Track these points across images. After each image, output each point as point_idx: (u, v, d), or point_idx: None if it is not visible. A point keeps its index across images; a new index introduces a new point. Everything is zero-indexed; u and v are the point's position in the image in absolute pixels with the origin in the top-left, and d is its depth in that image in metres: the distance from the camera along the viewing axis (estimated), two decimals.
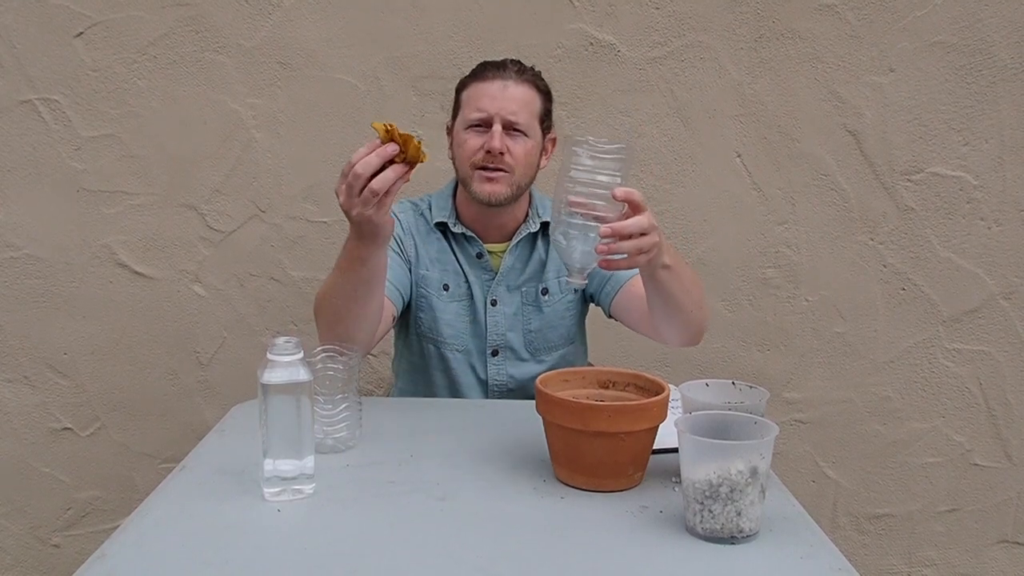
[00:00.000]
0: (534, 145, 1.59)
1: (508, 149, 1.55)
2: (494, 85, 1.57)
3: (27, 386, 2.18)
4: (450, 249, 1.66)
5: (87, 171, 2.09)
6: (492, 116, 1.55)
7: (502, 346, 1.67)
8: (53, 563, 2.24)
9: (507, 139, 1.55)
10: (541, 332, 1.68)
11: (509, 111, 1.55)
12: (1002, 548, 2.31)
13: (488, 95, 1.56)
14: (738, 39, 2.08)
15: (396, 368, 1.80)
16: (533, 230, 1.67)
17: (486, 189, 1.57)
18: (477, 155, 1.56)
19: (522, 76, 1.59)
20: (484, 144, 1.55)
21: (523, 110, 1.57)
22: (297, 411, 1.12)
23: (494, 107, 1.55)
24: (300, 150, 2.10)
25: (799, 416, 2.24)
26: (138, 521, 1.09)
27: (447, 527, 1.08)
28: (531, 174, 1.62)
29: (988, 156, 2.13)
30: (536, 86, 1.61)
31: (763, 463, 1.03)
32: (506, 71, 1.58)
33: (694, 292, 1.44)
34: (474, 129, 1.57)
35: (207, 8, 2.04)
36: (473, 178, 1.58)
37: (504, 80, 1.57)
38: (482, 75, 1.60)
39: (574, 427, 1.16)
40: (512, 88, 1.57)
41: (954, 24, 2.08)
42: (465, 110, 1.59)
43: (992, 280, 2.18)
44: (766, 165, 2.13)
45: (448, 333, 1.66)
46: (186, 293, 2.15)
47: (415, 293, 1.66)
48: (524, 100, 1.57)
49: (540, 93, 1.61)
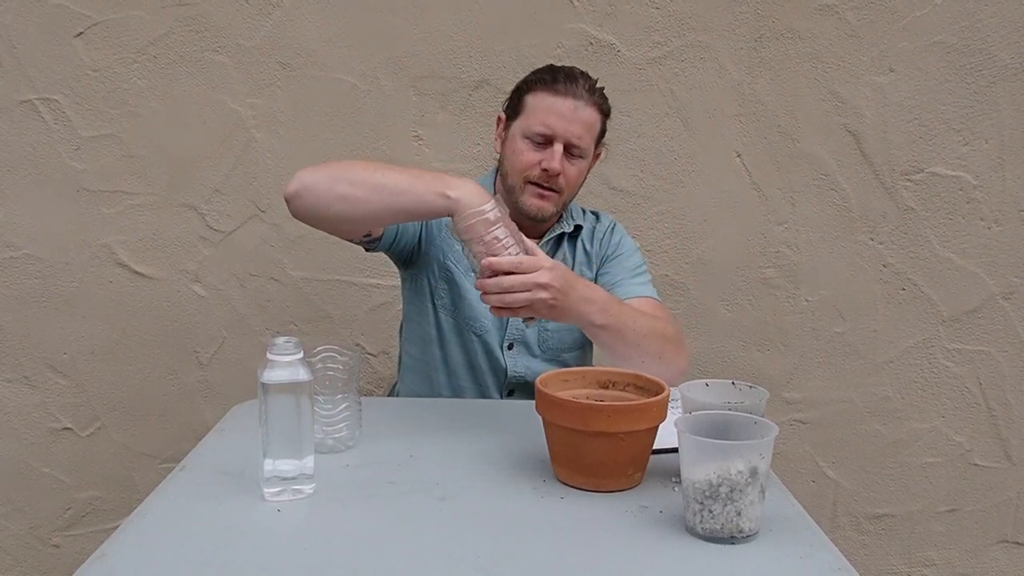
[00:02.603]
0: (586, 165, 1.60)
1: (564, 172, 1.55)
2: (566, 104, 1.54)
3: (27, 386, 2.18)
4: None
5: (87, 171, 2.09)
6: (558, 136, 1.54)
7: (518, 340, 1.67)
8: (53, 563, 2.24)
9: (564, 161, 1.55)
10: (558, 333, 1.67)
11: (575, 135, 1.54)
12: (1002, 548, 2.31)
13: (557, 113, 1.53)
14: (738, 39, 2.08)
15: (405, 337, 1.75)
16: (565, 230, 1.67)
17: (536, 204, 1.57)
18: (532, 171, 1.55)
19: (592, 97, 1.56)
20: (542, 162, 1.54)
21: (587, 134, 1.56)
22: (297, 411, 1.12)
23: (562, 128, 1.53)
24: (300, 150, 2.10)
25: (799, 416, 2.24)
26: (138, 521, 1.09)
27: (447, 527, 1.08)
28: (577, 192, 1.63)
29: (988, 156, 2.13)
30: (601, 109, 1.59)
31: (763, 463, 1.03)
32: (578, 88, 1.55)
33: (647, 346, 1.43)
34: (533, 141, 1.55)
35: (207, 8, 2.04)
36: (524, 191, 1.57)
37: (576, 100, 1.54)
38: (553, 87, 1.55)
39: (574, 427, 1.16)
40: (583, 111, 1.54)
41: (954, 24, 2.08)
42: (529, 119, 1.56)
43: (992, 280, 2.18)
44: (766, 165, 2.13)
45: (469, 314, 1.64)
46: (186, 293, 2.15)
47: (441, 264, 1.64)
48: (590, 124, 1.56)
49: (603, 115, 1.60)
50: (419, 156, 2.07)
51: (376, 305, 2.15)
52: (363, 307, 2.16)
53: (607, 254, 1.71)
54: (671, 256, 2.15)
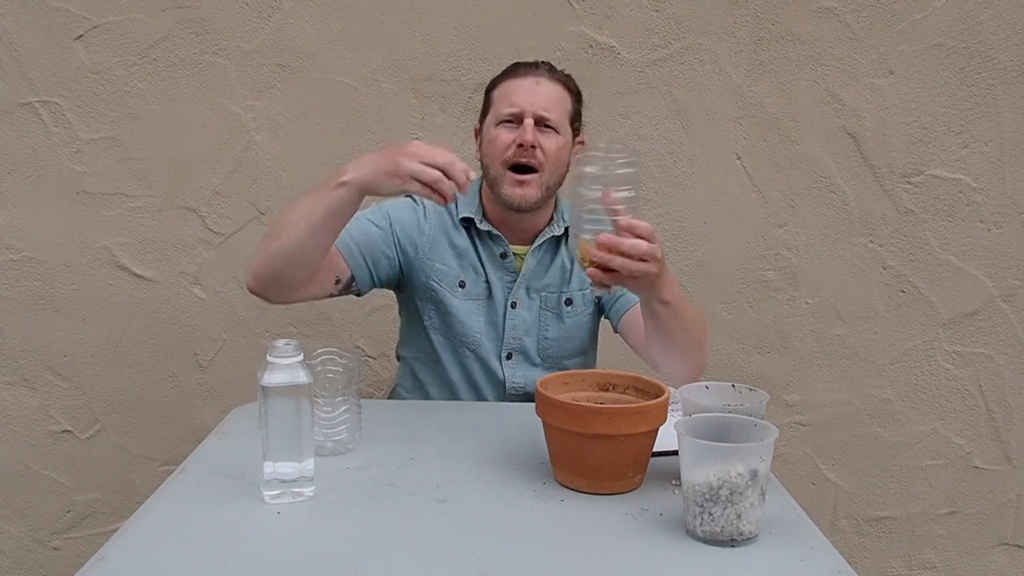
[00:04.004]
0: (565, 143, 1.59)
1: (540, 144, 1.55)
2: (526, 81, 1.58)
3: (27, 388, 2.17)
4: (473, 246, 1.64)
5: (87, 173, 2.09)
6: (525, 111, 1.55)
7: (517, 350, 1.65)
8: (53, 566, 2.24)
9: (539, 135, 1.55)
10: (558, 342, 1.66)
11: (541, 107, 1.55)
12: (1002, 551, 2.31)
13: (521, 91, 1.57)
14: (738, 41, 2.09)
15: (401, 356, 1.76)
16: (557, 233, 1.66)
17: (517, 193, 1.56)
18: (509, 151, 1.55)
19: (554, 75, 1.60)
20: (516, 138, 1.55)
21: (555, 107, 1.57)
22: (297, 414, 1.12)
23: (527, 102, 1.55)
24: (300, 152, 2.10)
25: (799, 418, 2.24)
26: (138, 524, 1.09)
27: (447, 530, 1.08)
28: (561, 173, 1.60)
29: (988, 158, 2.13)
30: (567, 86, 1.61)
31: (763, 466, 1.03)
32: (538, 69, 1.60)
33: (693, 331, 1.44)
34: (505, 125, 1.57)
35: (207, 11, 2.04)
36: (504, 180, 1.57)
37: (537, 77, 1.58)
38: (514, 73, 1.61)
39: (574, 430, 1.16)
40: (545, 84, 1.58)
41: (954, 27, 2.08)
42: (497, 106, 1.59)
43: (992, 282, 2.18)
44: (766, 167, 2.14)
45: (460, 331, 1.63)
46: (186, 295, 2.15)
47: (424, 285, 1.63)
48: (556, 97, 1.58)
49: (571, 93, 1.62)
50: None
51: (376, 308, 2.15)
52: (363, 310, 2.16)
53: None
54: (671, 258, 2.14)
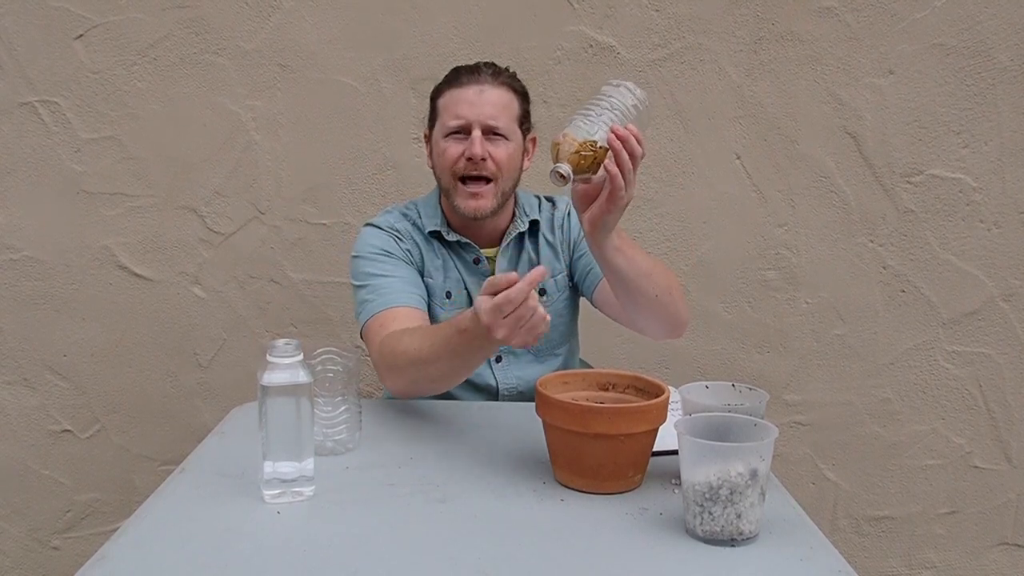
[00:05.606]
0: (515, 148, 1.58)
1: (490, 155, 1.53)
2: (470, 91, 1.55)
3: (27, 388, 2.17)
4: (449, 257, 1.65)
5: (87, 173, 2.09)
6: (471, 122, 1.53)
7: (505, 351, 1.65)
8: (53, 565, 2.24)
9: (488, 145, 1.53)
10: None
11: (488, 116, 1.53)
12: (1002, 550, 2.31)
13: (465, 101, 1.54)
14: (738, 41, 2.09)
15: None
16: (522, 230, 1.65)
17: (471, 205, 1.55)
18: (459, 164, 1.54)
19: (498, 79, 1.57)
20: (465, 151, 1.53)
21: (502, 114, 1.55)
22: (297, 413, 1.12)
23: (472, 113, 1.53)
24: (300, 152, 2.10)
25: (799, 418, 2.24)
26: (138, 523, 1.09)
27: (447, 529, 1.08)
28: (515, 177, 1.60)
29: (988, 158, 2.13)
30: (512, 88, 1.59)
31: (763, 465, 1.03)
32: (481, 75, 1.56)
33: (656, 279, 1.44)
34: (453, 137, 1.55)
35: (207, 10, 2.04)
36: (457, 192, 1.56)
37: (480, 85, 1.55)
38: (456, 81, 1.57)
39: (574, 429, 1.16)
40: (489, 92, 1.55)
41: (954, 26, 2.08)
42: (443, 117, 1.57)
43: (992, 282, 2.18)
44: (766, 167, 2.14)
45: None
46: (186, 295, 2.15)
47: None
48: (502, 103, 1.56)
49: (517, 95, 1.60)
50: (419, 158, 2.07)
51: None
52: None
53: (575, 239, 1.68)
54: (671, 258, 2.15)
